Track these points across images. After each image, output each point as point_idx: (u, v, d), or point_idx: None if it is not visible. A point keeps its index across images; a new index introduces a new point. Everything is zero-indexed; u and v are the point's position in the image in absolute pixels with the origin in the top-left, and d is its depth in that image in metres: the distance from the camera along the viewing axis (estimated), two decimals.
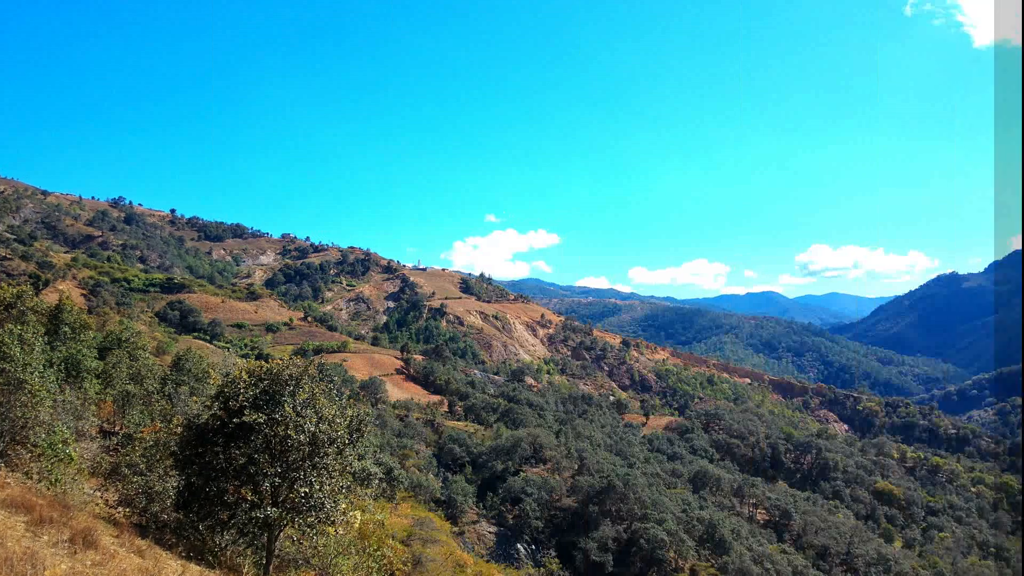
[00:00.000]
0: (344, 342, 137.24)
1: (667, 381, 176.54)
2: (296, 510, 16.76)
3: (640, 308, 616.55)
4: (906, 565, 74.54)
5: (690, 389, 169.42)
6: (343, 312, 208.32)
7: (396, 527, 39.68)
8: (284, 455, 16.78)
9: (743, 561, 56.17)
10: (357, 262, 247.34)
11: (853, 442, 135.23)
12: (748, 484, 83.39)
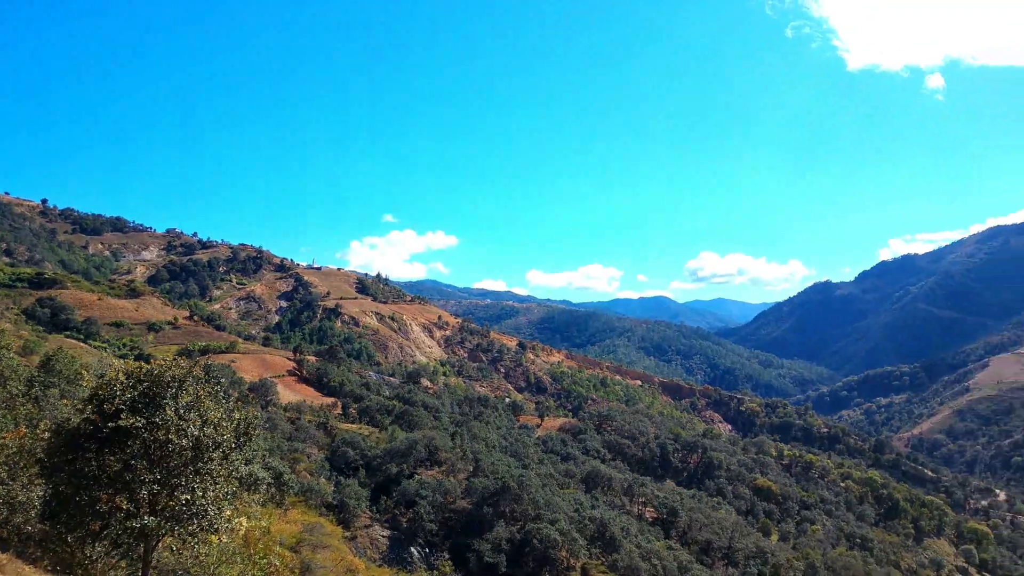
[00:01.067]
0: (233, 342, 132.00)
1: (562, 383, 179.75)
2: (176, 518, 16.10)
3: (537, 311, 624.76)
4: (781, 557, 79.30)
5: (584, 391, 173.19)
6: (232, 311, 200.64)
7: (285, 533, 38.67)
8: (164, 461, 16.12)
9: (632, 558, 58.17)
10: (248, 260, 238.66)
11: (736, 441, 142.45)
12: (638, 483, 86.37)
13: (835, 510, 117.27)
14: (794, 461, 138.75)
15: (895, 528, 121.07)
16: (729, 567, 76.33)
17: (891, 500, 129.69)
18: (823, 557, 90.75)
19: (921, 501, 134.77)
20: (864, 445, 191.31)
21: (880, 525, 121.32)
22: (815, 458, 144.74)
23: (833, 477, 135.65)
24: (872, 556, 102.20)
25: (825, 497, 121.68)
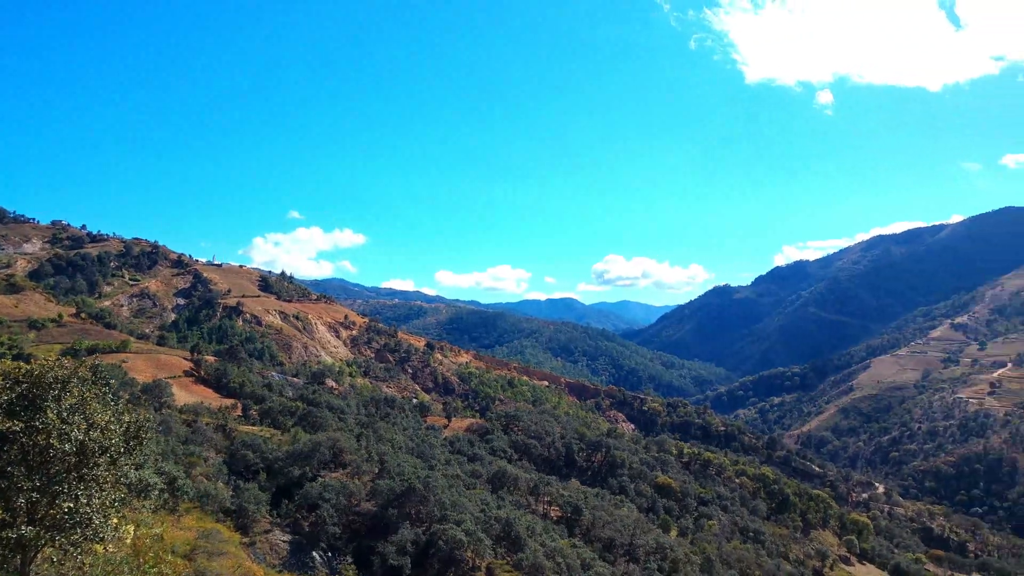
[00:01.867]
0: (125, 341, 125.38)
1: (470, 383, 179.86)
2: (57, 527, 15.23)
3: (445, 311, 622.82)
4: (680, 552, 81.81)
5: (492, 391, 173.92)
6: (124, 309, 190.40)
7: (178, 541, 37.05)
8: (45, 467, 15.16)
9: (537, 557, 58.77)
10: (143, 255, 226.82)
11: (639, 440, 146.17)
12: (544, 482, 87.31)
13: (731, 505, 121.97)
14: (693, 459, 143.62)
15: (785, 521, 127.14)
16: (631, 563, 78.16)
17: (782, 495, 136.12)
18: (719, 551, 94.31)
19: (809, 495, 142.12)
20: (758, 443, 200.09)
21: (771, 519, 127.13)
22: (713, 456, 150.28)
23: (729, 474, 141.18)
24: (764, 548, 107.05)
25: (721, 493, 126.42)
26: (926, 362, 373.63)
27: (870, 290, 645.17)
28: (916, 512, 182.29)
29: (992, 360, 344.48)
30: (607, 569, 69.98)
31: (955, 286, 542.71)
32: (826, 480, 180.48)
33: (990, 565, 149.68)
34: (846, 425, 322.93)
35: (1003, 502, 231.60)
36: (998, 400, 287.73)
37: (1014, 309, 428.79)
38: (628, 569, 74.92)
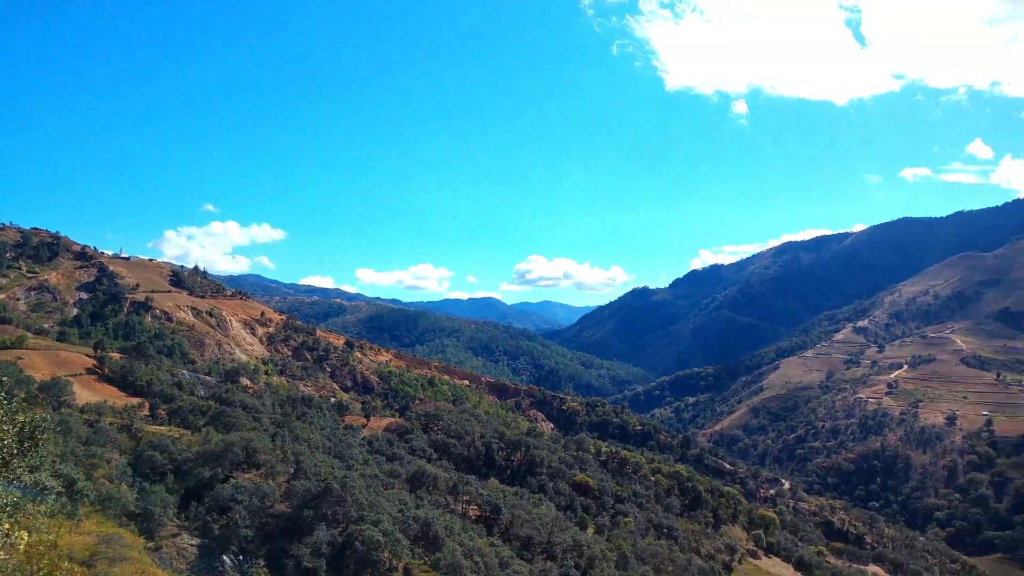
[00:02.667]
0: (21, 337, 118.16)
1: (389, 383, 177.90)
2: None
3: (366, 309, 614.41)
4: (597, 549, 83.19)
5: (412, 391, 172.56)
6: (21, 303, 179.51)
7: (76, 547, 35.12)
8: None
9: (455, 556, 58.77)
10: (42, 245, 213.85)
11: (558, 439, 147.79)
12: (463, 482, 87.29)
13: (646, 503, 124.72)
14: (610, 457, 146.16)
15: (697, 517, 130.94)
16: (548, 561, 78.94)
17: (695, 492, 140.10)
18: (634, 547, 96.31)
19: (720, 492, 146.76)
20: (673, 441, 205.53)
21: (685, 515, 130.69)
22: (630, 454, 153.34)
23: (645, 472, 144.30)
24: (677, 544, 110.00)
25: (637, 491, 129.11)
26: (830, 363, 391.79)
27: (780, 294, 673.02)
28: (819, 507, 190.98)
29: (890, 362, 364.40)
30: (525, 567, 70.49)
31: (858, 291, 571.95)
32: (736, 477, 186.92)
33: (885, 556, 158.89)
34: (756, 424, 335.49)
35: (897, 496, 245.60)
36: (894, 400, 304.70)
37: (910, 314, 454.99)
38: (546, 567, 75.62)
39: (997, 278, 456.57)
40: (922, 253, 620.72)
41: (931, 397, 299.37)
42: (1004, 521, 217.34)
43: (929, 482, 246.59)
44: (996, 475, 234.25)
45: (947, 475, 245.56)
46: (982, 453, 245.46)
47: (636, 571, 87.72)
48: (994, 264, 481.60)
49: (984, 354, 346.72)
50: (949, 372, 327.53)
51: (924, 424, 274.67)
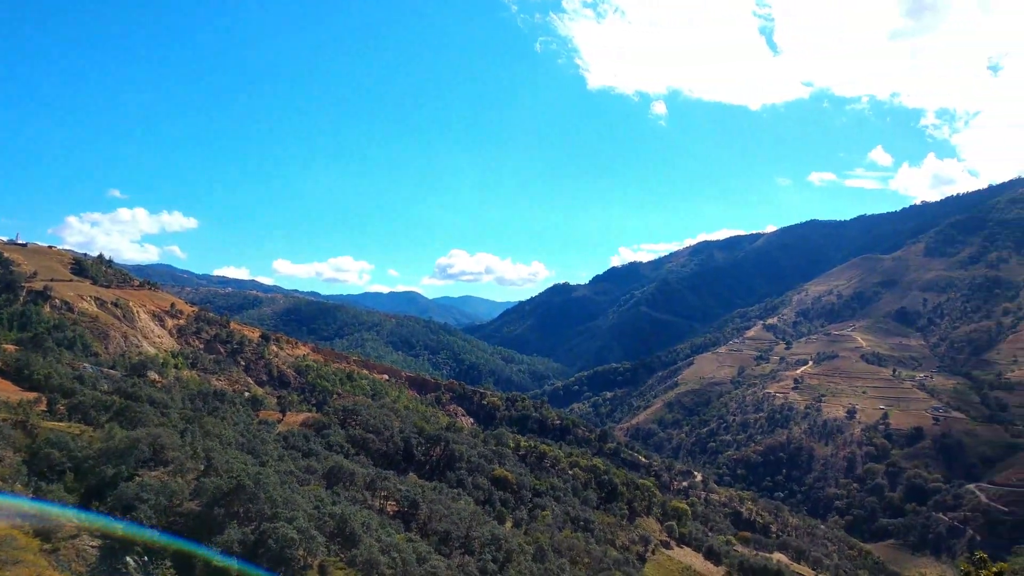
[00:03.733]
0: None
1: (307, 377, 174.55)
2: None
3: (283, 301, 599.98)
4: (514, 543, 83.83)
5: (330, 385, 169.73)
6: None
7: None
8: None
9: (372, 553, 58.32)
10: None
11: (477, 434, 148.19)
12: (381, 477, 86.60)
13: (563, 496, 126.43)
14: (529, 451, 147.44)
15: (613, 510, 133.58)
16: (466, 555, 79.05)
17: (611, 485, 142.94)
18: (551, 540, 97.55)
19: (635, 484, 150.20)
20: (591, 435, 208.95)
21: (601, 508, 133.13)
22: (548, 448, 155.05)
23: (563, 465, 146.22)
24: (593, 536, 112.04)
25: (555, 484, 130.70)
26: (741, 360, 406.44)
27: (696, 292, 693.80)
28: (728, 498, 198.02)
29: (796, 358, 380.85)
30: (443, 562, 70.39)
31: (768, 290, 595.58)
32: (651, 470, 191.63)
33: (788, 544, 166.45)
34: (671, 418, 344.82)
35: (801, 487, 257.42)
36: (800, 395, 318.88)
37: (815, 312, 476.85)
38: (463, 561, 75.72)
39: (894, 279, 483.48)
40: (828, 254, 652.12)
41: (833, 392, 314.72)
42: (897, 509, 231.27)
43: (830, 473, 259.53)
44: (890, 465, 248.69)
45: (846, 466, 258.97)
46: (878, 445, 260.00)
47: (553, 564, 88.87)
48: (891, 266, 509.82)
49: (881, 351, 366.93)
50: (850, 368, 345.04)
51: (826, 418, 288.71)
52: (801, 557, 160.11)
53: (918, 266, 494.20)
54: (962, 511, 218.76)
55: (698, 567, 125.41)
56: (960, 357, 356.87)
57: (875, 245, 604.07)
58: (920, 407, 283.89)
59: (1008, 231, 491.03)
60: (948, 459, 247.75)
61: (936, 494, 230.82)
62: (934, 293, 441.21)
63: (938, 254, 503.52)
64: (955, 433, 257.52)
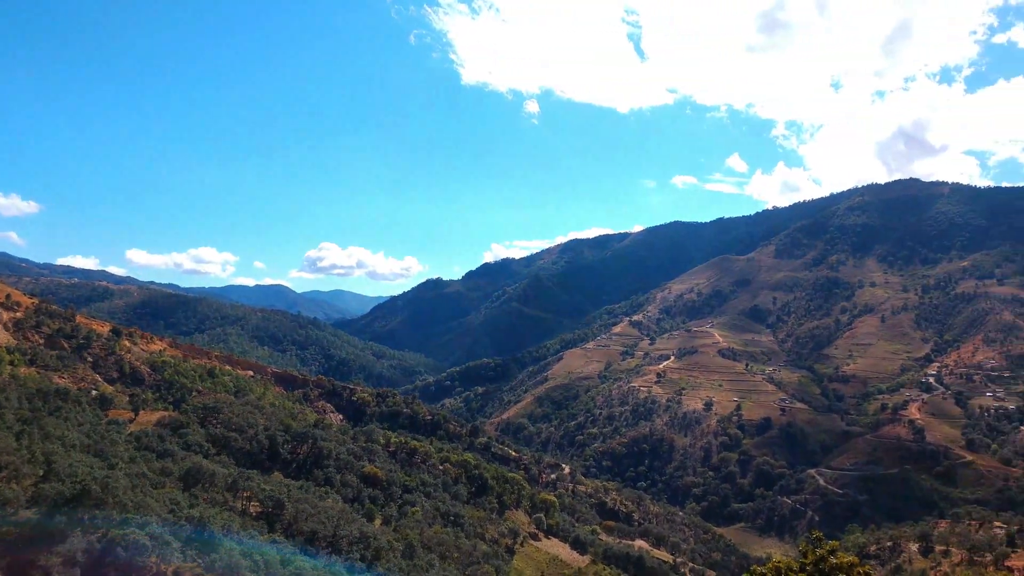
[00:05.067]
0: None
1: (163, 374, 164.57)
2: None
3: (138, 294, 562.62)
4: (383, 540, 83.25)
5: (189, 382, 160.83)
6: None
7: None
8: None
9: (232, 556, 56.18)
10: None
11: (347, 431, 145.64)
12: (244, 477, 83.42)
13: (434, 491, 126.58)
14: (400, 448, 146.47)
15: (483, 504, 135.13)
16: (333, 555, 77.50)
17: (481, 479, 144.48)
18: (420, 536, 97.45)
19: (505, 478, 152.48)
20: (462, 430, 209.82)
21: (471, 502, 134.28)
22: (419, 444, 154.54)
23: (434, 461, 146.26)
24: (463, 531, 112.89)
25: (426, 480, 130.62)
26: (608, 355, 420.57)
27: (566, 289, 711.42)
28: (594, 489, 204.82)
29: (659, 354, 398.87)
30: (308, 563, 68.74)
31: (635, 288, 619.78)
32: (521, 464, 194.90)
33: (650, 531, 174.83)
34: (540, 412, 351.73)
35: (662, 476, 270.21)
36: (662, 388, 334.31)
37: (677, 309, 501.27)
38: (330, 561, 74.19)
39: (748, 279, 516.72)
40: (690, 254, 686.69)
41: (693, 385, 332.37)
42: (747, 494, 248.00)
43: (688, 462, 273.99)
44: (742, 454, 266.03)
45: (703, 455, 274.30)
46: (732, 435, 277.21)
47: (423, 560, 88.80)
48: (745, 267, 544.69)
49: (735, 347, 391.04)
50: (708, 363, 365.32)
51: (686, 410, 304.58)
52: (661, 543, 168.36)
53: (769, 267, 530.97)
54: (803, 494, 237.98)
55: (564, 557, 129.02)
56: (804, 352, 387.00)
57: (731, 246, 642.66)
58: (769, 399, 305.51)
59: (846, 236, 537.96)
60: (792, 447, 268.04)
61: (781, 479, 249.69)
62: (782, 292, 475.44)
63: (786, 256, 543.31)
64: (798, 423, 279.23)
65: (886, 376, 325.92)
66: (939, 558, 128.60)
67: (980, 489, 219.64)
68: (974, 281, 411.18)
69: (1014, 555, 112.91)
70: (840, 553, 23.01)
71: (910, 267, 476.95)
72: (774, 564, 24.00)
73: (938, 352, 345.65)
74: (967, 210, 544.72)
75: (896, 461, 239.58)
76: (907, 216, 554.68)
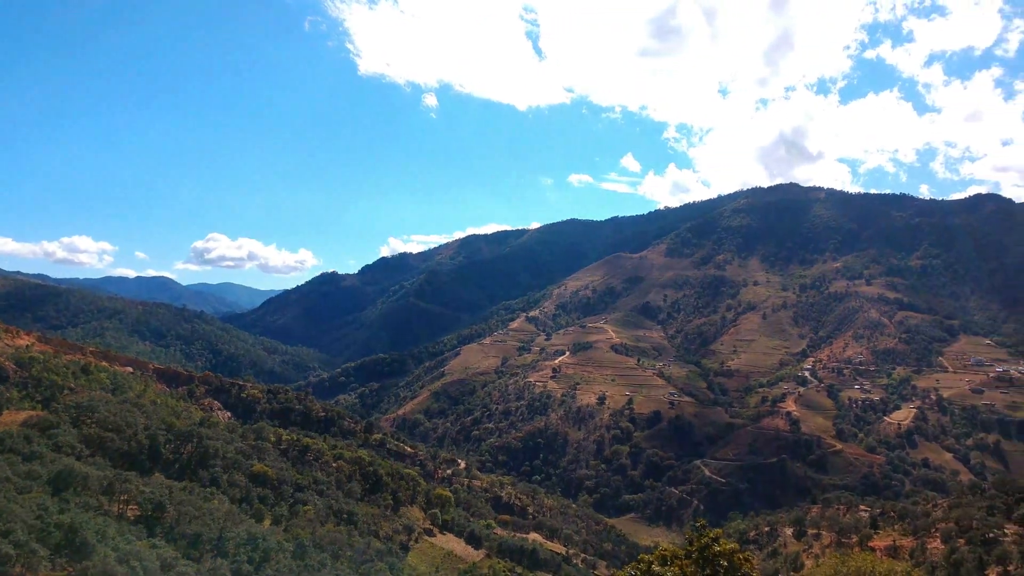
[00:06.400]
0: None
1: (31, 370, 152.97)
2: None
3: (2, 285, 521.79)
4: (273, 541, 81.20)
5: (60, 379, 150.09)
6: None
7: None
8: None
9: (107, 563, 53.43)
10: None
11: (235, 428, 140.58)
12: (121, 479, 79.03)
13: (327, 489, 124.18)
14: (291, 445, 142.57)
15: (378, 501, 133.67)
16: (218, 558, 74.74)
17: (376, 476, 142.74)
18: (312, 535, 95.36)
19: (400, 474, 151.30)
20: (357, 427, 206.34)
21: (366, 499, 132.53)
22: (311, 441, 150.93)
23: (327, 458, 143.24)
24: (357, 528, 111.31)
25: (319, 478, 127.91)
26: (505, 350, 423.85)
27: (464, 284, 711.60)
28: (490, 483, 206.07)
29: (555, 349, 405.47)
30: (191, 567, 66.20)
31: (531, 284, 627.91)
32: (417, 459, 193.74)
33: (544, 524, 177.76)
34: (437, 408, 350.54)
35: (556, 469, 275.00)
36: (557, 383, 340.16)
37: (572, 306, 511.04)
38: (215, 564, 71.58)
39: (640, 277, 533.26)
40: (585, 251, 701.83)
41: (587, 380, 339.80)
42: (638, 485, 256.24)
43: (582, 455, 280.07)
44: (633, 447, 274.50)
45: (596, 448, 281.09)
46: (624, 428, 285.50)
47: (314, 559, 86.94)
48: (638, 265, 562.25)
49: (628, 342, 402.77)
50: (601, 358, 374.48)
51: (580, 404, 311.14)
52: (554, 535, 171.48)
53: (660, 265, 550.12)
54: (690, 484, 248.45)
55: (459, 552, 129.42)
56: (692, 348, 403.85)
57: (625, 244, 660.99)
58: (659, 393, 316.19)
59: (731, 237, 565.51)
60: (680, 439, 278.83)
61: (670, 470, 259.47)
62: (672, 290, 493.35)
63: (676, 255, 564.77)
64: (686, 416, 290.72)
65: (766, 370, 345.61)
66: (811, 541, 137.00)
67: (848, 475, 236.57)
68: (845, 281, 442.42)
69: (877, 536, 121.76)
70: (723, 540, 24.03)
71: (789, 267, 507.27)
72: (661, 552, 24.77)
73: (813, 348, 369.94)
74: (840, 214, 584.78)
75: (774, 451, 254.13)
76: (787, 219, 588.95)
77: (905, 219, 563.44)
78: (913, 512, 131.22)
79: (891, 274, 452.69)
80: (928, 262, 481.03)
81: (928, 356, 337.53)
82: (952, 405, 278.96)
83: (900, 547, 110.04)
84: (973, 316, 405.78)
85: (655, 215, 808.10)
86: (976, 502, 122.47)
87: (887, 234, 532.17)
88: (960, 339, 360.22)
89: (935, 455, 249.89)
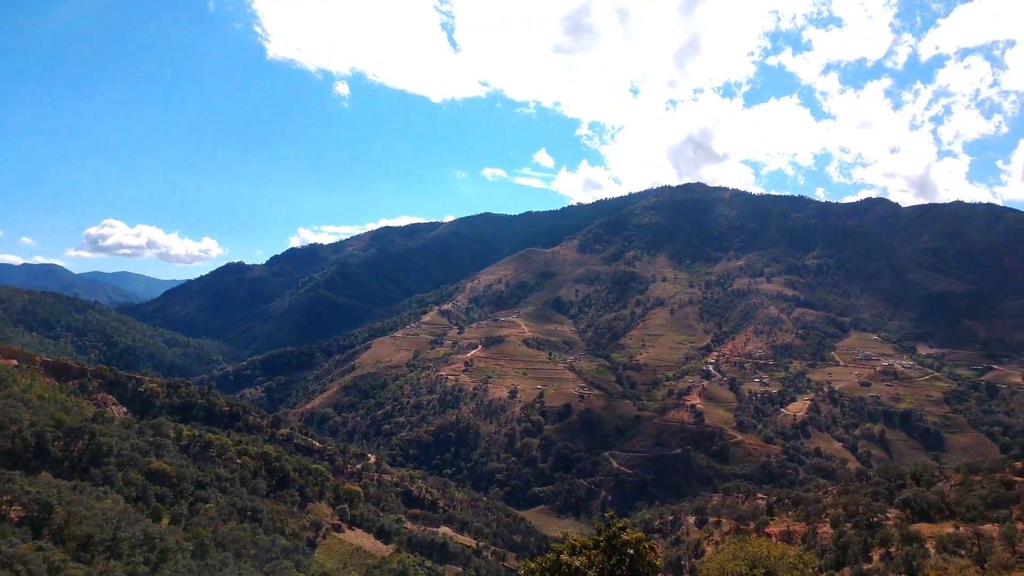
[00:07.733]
0: None
1: None
2: None
3: None
4: (171, 541, 78.38)
5: None
6: None
7: None
8: None
9: None
10: None
11: (131, 424, 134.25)
12: (3, 479, 73.90)
13: (230, 486, 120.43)
14: (193, 441, 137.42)
15: (284, 497, 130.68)
16: (111, 560, 71.38)
17: (282, 471, 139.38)
18: (214, 534, 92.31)
19: (308, 470, 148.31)
20: (263, 421, 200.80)
21: (271, 496, 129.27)
22: (215, 437, 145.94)
23: (231, 454, 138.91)
24: (261, 526, 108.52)
25: (222, 474, 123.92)
26: (417, 343, 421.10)
27: (376, 276, 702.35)
28: (400, 478, 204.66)
29: (468, 342, 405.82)
30: (82, 570, 63.24)
31: (444, 277, 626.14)
32: (326, 454, 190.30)
33: (454, 517, 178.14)
34: (347, 401, 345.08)
35: (468, 463, 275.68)
36: (470, 376, 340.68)
37: (485, 299, 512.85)
38: (108, 566, 68.39)
39: (552, 271, 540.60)
40: (498, 246, 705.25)
41: (499, 374, 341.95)
42: (548, 478, 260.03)
43: (493, 448, 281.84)
44: (544, 439, 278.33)
45: (507, 441, 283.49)
46: (535, 421, 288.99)
47: (216, 559, 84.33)
48: (550, 259, 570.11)
49: (540, 336, 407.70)
50: (514, 352, 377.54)
51: (492, 398, 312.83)
52: (465, 528, 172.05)
53: (572, 261, 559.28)
54: (599, 476, 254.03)
55: (368, 547, 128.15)
56: (602, 342, 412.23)
57: (538, 239, 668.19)
58: (570, 387, 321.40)
59: (641, 234, 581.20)
60: (590, 431, 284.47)
61: (579, 462, 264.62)
62: (584, 285, 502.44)
63: (588, 251, 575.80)
64: (595, 409, 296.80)
65: (673, 364, 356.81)
66: (712, 528, 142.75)
67: (747, 465, 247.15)
68: (748, 279, 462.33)
69: (772, 522, 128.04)
70: (630, 530, 24.62)
71: (696, 264, 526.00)
72: (571, 543, 25.17)
73: (717, 342, 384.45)
74: (744, 214, 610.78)
75: (679, 442, 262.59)
76: (694, 217, 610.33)
77: (803, 220, 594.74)
78: (806, 499, 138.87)
79: (790, 272, 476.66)
80: (823, 261, 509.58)
81: (822, 351, 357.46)
82: (842, 397, 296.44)
83: (794, 532, 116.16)
84: (862, 313, 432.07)
85: (568, 211, 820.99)
86: (862, 488, 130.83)
87: (786, 234, 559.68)
88: (851, 335, 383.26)
89: (827, 444, 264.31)
